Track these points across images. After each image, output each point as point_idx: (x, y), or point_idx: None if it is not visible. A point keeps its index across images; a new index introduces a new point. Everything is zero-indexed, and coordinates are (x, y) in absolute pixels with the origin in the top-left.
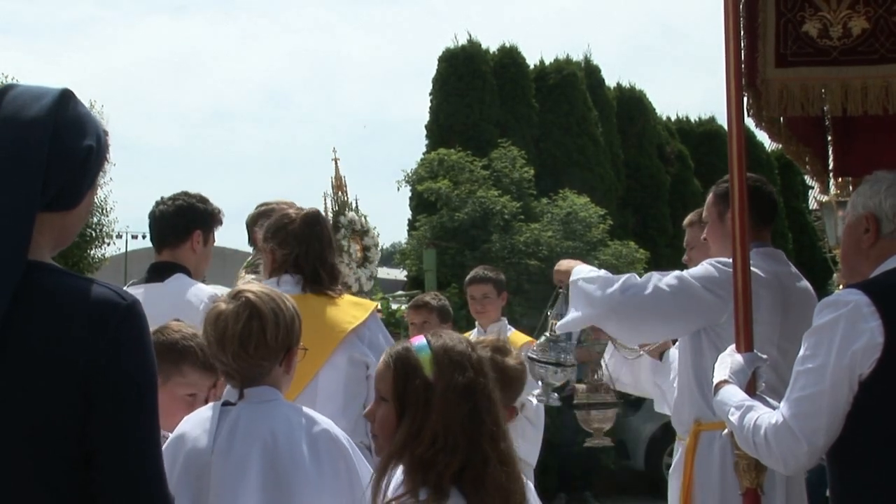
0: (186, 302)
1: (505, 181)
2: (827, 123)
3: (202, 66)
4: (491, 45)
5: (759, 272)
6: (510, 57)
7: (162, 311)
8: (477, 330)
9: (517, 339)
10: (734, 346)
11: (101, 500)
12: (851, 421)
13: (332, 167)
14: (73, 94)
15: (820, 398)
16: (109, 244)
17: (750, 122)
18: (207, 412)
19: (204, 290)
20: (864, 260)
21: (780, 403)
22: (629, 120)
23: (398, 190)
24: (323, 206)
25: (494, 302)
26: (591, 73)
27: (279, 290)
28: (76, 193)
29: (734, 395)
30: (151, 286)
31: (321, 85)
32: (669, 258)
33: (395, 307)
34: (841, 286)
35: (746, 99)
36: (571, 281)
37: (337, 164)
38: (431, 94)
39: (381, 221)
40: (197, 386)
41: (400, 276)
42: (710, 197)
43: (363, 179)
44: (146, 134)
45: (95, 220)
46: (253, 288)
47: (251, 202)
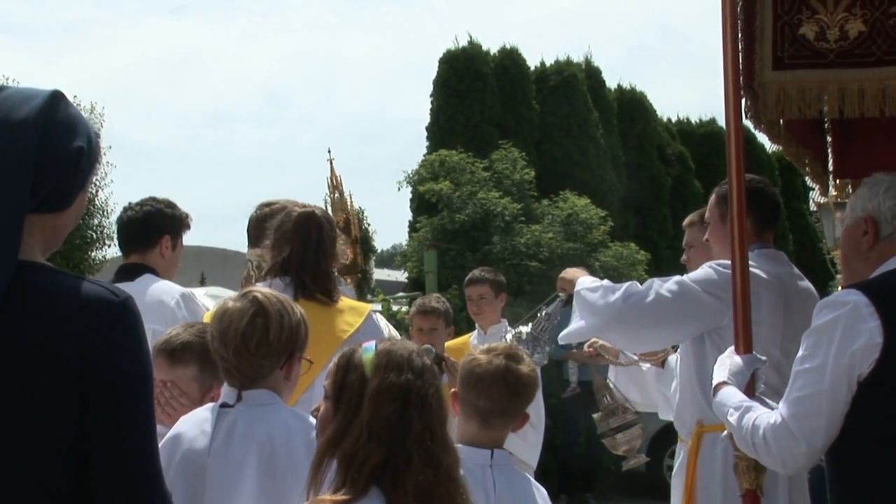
0: (159, 301)
1: (506, 182)
2: (825, 125)
3: (202, 66)
4: (491, 46)
5: (760, 273)
6: (511, 58)
7: None
8: (477, 331)
9: None
10: (733, 347)
11: (99, 498)
12: (850, 421)
13: (330, 168)
14: (63, 95)
15: (819, 398)
16: (110, 246)
17: (750, 123)
18: (205, 413)
19: (175, 287)
20: (863, 262)
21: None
22: (630, 121)
23: (398, 191)
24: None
25: (492, 303)
26: (591, 74)
27: None
28: (67, 195)
29: (733, 396)
30: (122, 286)
31: (321, 85)
32: (670, 259)
33: (395, 308)
34: (841, 288)
35: (745, 101)
36: (575, 291)
37: (332, 164)
38: (432, 95)
39: (381, 223)
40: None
41: (401, 277)
42: (712, 198)
43: (363, 180)
44: (146, 134)
45: (96, 222)
46: (263, 289)
47: (251, 202)
